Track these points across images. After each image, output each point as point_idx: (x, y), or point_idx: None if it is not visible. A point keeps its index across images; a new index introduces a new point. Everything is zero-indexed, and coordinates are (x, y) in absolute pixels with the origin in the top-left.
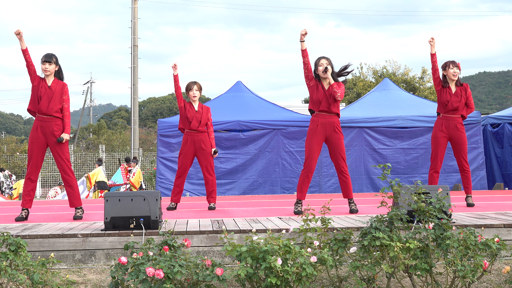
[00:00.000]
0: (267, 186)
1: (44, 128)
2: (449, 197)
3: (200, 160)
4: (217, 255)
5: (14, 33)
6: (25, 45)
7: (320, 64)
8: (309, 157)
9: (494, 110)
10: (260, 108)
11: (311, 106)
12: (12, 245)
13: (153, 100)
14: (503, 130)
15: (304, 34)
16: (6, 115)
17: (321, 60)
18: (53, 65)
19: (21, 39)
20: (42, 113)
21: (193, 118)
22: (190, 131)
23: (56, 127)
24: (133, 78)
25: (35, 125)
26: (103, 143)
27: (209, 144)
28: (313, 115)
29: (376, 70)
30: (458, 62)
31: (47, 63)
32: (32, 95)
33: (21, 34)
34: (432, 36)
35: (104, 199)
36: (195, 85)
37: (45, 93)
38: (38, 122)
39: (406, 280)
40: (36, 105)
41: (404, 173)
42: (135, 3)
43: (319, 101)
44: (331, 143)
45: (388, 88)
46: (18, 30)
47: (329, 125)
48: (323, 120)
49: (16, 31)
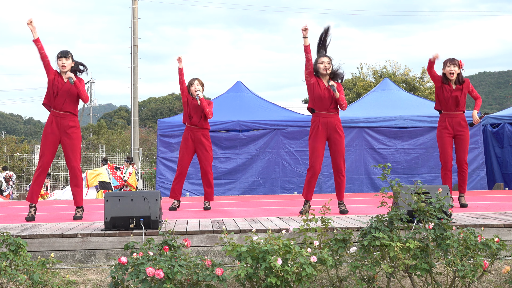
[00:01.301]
0: (267, 186)
1: (59, 124)
2: (449, 197)
3: (199, 155)
4: (217, 255)
5: (26, 23)
6: (37, 34)
7: (321, 62)
8: (312, 158)
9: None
10: (260, 108)
11: (311, 104)
12: (12, 245)
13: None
14: (503, 130)
15: (305, 30)
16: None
17: (321, 58)
18: (70, 60)
19: (33, 29)
20: (57, 109)
21: (195, 113)
22: (191, 126)
23: (71, 123)
24: (133, 78)
25: (50, 119)
26: (103, 143)
27: (209, 139)
28: (314, 115)
29: (376, 70)
30: (459, 60)
31: (64, 58)
32: (48, 90)
33: (33, 23)
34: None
35: (104, 199)
36: (195, 80)
37: (62, 90)
38: (53, 117)
39: (406, 280)
40: (52, 100)
41: (404, 173)
42: (135, 3)
43: (320, 98)
44: (332, 143)
45: (388, 88)
46: (30, 20)
47: (330, 125)
48: (324, 120)
49: (28, 20)
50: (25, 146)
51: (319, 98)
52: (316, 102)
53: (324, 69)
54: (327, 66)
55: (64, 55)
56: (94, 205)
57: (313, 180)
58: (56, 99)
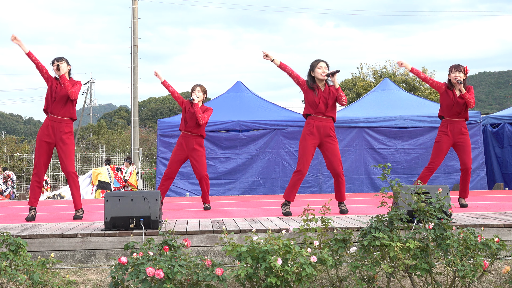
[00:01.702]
0: (267, 186)
1: (55, 129)
2: (449, 197)
3: (192, 162)
4: (217, 255)
5: (10, 39)
6: (27, 48)
7: (319, 67)
8: (302, 159)
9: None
10: (260, 108)
11: (306, 110)
12: (12, 245)
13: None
14: (503, 130)
15: (265, 56)
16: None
17: (320, 63)
18: (64, 63)
19: (20, 44)
20: (54, 114)
21: (191, 119)
22: (186, 132)
23: (67, 129)
24: (133, 78)
25: (46, 123)
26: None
27: (203, 147)
28: (309, 117)
29: (376, 70)
30: (465, 66)
31: (57, 61)
32: (47, 95)
33: (17, 38)
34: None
35: (104, 199)
36: (198, 87)
37: (59, 95)
38: (49, 122)
39: (406, 280)
40: (50, 105)
41: (404, 173)
42: (135, 3)
43: (315, 104)
44: (326, 148)
45: (388, 88)
46: (13, 36)
47: (323, 129)
48: (319, 123)
49: (12, 37)
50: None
51: (314, 103)
52: (312, 107)
53: (322, 74)
54: (325, 71)
55: (58, 59)
56: (94, 205)
57: (300, 181)
58: (53, 104)
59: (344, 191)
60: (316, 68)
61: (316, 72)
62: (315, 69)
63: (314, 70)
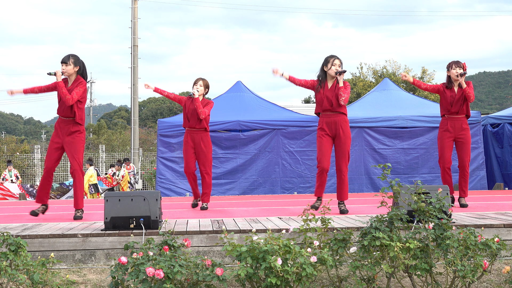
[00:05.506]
0: (267, 186)
1: (62, 129)
2: (449, 197)
3: (198, 157)
4: (217, 255)
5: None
6: (21, 90)
7: (334, 64)
8: (319, 156)
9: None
10: (260, 108)
11: (315, 109)
12: (12, 245)
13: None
14: (503, 130)
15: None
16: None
17: (335, 60)
18: (71, 65)
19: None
20: (60, 115)
21: (192, 115)
22: (190, 129)
23: (73, 128)
24: (133, 78)
25: (56, 125)
26: (103, 143)
27: (209, 141)
28: (319, 116)
29: (376, 70)
30: (463, 62)
31: (64, 64)
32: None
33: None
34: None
35: (104, 199)
36: (200, 80)
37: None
38: (57, 124)
39: (406, 280)
40: (58, 107)
41: (404, 173)
42: (135, 3)
43: (321, 101)
44: (335, 143)
45: (388, 88)
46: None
47: (333, 124)
48: (328, 120)
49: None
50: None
51: (320, 100)
52: (319, 105)
53: (336, 71)
54: (338, 69)
55: (64, 60)
56: (94, 205)
57: (321, 177)
58: (60, 106)
59: (345, 190)
60: (331, 65)
61: (331, 68)
62: (329, 65)
63: (328, 65)
